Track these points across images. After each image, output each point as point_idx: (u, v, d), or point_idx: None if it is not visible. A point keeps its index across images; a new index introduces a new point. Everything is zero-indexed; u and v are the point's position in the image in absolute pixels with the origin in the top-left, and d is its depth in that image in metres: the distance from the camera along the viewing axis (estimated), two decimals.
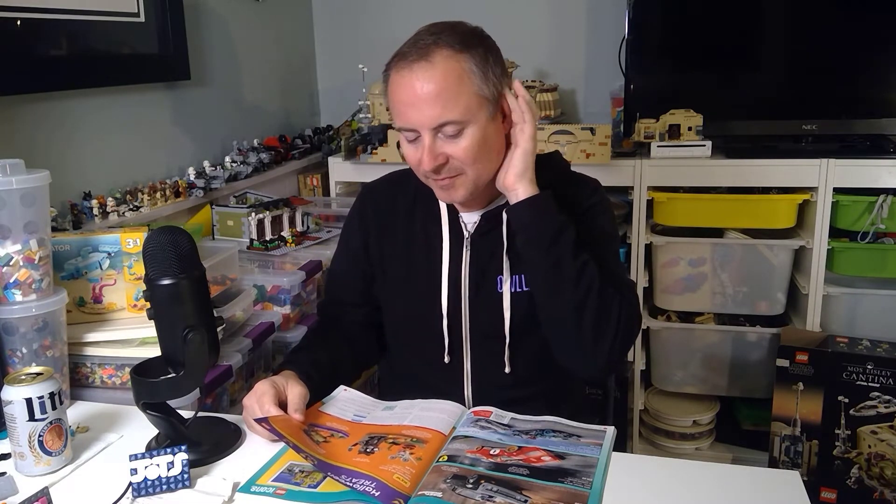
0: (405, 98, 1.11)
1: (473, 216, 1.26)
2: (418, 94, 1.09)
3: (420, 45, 1.11)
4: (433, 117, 1.10)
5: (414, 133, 1.13)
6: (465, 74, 1.10)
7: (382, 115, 2.35)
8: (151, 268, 1.03)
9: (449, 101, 1.09)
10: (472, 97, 1.11)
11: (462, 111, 1.10)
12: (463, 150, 1.12)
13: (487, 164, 1.17)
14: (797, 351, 2.08)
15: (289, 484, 0.99)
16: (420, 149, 1.13)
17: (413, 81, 1.10)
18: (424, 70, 1.09)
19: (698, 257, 2.27)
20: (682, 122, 2.18)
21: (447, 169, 1.14)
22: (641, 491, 0.97)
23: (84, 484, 1.03)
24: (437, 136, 1.12)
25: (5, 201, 1.12)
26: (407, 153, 1.18)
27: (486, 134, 1.14)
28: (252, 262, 1.82)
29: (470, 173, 1.15)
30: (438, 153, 1.13)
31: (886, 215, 2.07)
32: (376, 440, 1.06)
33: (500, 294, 1.23)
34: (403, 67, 1.11)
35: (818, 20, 2.21)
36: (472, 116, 1.12)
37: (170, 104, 2.04)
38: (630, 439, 2.43)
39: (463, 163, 1.14)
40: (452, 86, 1.09)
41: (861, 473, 2.06)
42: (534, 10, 2.64)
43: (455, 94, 1.10)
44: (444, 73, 1.09)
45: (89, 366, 1.30)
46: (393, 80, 1.13)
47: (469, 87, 1.11)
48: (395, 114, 1.15)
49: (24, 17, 1.53)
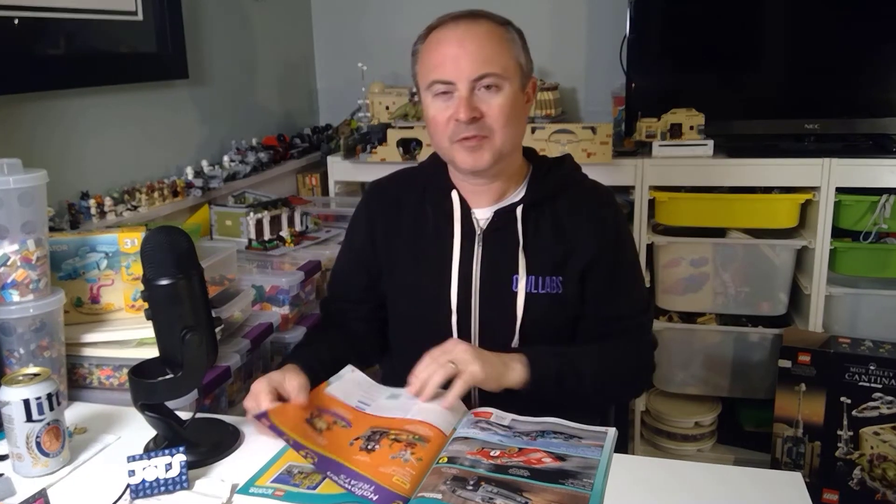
0: (449, 51, 1.16)
1: (486, 212, 1.27)
2: (463, 47, 1.15)
3: (463, 14, 1.18)
4: (474, 69, 1.14)
5: (448, 86, 1.16)
6: (507, 40, 1.19)
7: (382, 114, 2.34)
8: (149, 268, 1.03)
9: (492, 56, 1.15)
10: (512, 59, 1.18)
11: (503, 67, 1.16)
12: (498, 106, 1.16)
13: (512, 131, 1.20)
14: (799, 352, 2.08)
15: (287, 485, 0.98)
16: (451, 105, 1.17)
17: (458, 36, 1.16)
18: (469, 28, 1.16)
19: (700, 257, 2.26)
20: (683, 121, 2.17)
21: (478, 125, 1.17)
22: (643, 492, 0.97)
23: (82, 485, 1.02)
24: (473, 91, 1.16)
25: (2, 201, 1.11)
26: (434, 113, 1.20)
27: (516, 100, 1.19)
28: (250, 263, 1.81)
29: (497, 137, 1.18)
30: (474, 107, 1.16)
31: (889, 215, 2.06)
32: (378, 436, 1.04)
33: (515, 293, 1.23)
34: (448, 26, 1.18)
35: (820, 19, 2.20)
36: (510, 76, 1.17)
37: (168, 103, 2.03)
38: (631, 441, 2.43)
39: (495, 121, 1.17)
40: (496, 44, 1.17)
41: (863, 475, 2.06)
42: (535, 8, 2.63)
43: (497, 52, 1.16)
44: (488, 32, 1.17)
45: (87, 366, 1.30)
46: (434, 38, 1.19)
47: (510, 50, 1.18)
48: (429, 69, 1.19)
49: (21, 15, 1.52)
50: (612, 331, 1.26)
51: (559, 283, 1.23)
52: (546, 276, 1.23)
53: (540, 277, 1.23)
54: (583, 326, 1.29)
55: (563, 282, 1.24)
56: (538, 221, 1.25)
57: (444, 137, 1.20)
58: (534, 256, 1.23)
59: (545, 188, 1.27)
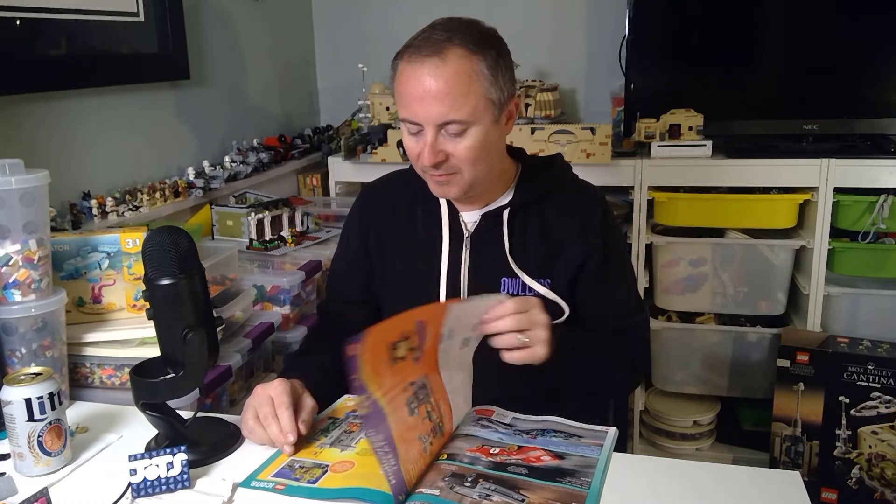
0: (413, 91, 1.11)
1: (474, 215, 1.27)
2: (427, 89, 1.10)
3: (434, 39, 1.11)
4: (439, 114, 1.11)
5: (417, 126, 1.14)
6: (475, 76, 1.11)
7: (382, 114, 2.35)
8: (151, 268, 1.03)
9: (457, 101, 1.10)
10: (480, 99, 1.12)
11: (468, 112, 1.11)
12: (464, 149, 1.13)
13: (485, 166, 1.18)
14: (798, 351, 2.08)
15: (288, 479, 0.99)
16: (421, 142, 1.14)
17: (423, 76, 1.10)
18: (436, 66, 1.09)
19: (699, 257, 2.27)
20: (682, 121, 2.18)
21: (445, 166, 1.15)
22: (642, 491, 0.97)
23: (83, 484, 1.03)
24: (440, 133, 1.13)
25: (4, 201, 1.12)
26: (408, 144, 1.18)
27: (488, 136, 1.15)
28: (251, 262, 1.81)
29: (467, 174, 1.16)
30: (439, 150, 1.13)
31: (887, 215, 2.07)
32: (423, 396, 1.01)
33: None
34: (415, 60, 1.11)
35: (819, 19, 2.21)
36: (478, 118, 1.12)
37: (169, 104, 2.04)
38: (630, 439, 2.43)
39: (462, 162, 1.14)
40: (462, 86, 1.10)
41: (862, 474, 2.06)
42: (534, 9, 2.63)
43: (464, 95, 1.10)
44: (455, 73, 1.09)
45: (88, 366, 1.30)
46: (403, 71, 1.13)
47: (478, 89, 1.11)
48: (400, 104, 1.16)
49: (23, 16, 1.52)
50: (608, 330, 1.27)
51: (547, 285, 1.23)
52: (534, 278, 1.23)
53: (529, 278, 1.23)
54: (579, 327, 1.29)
55: (552, 285, 1.24)
56: (525, 224, 1.25)
57: (416, 166, 1.20)
58: (521, 259, 1.23)
59: (533, 191, 1.26)
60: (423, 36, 1.13)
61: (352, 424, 1.12)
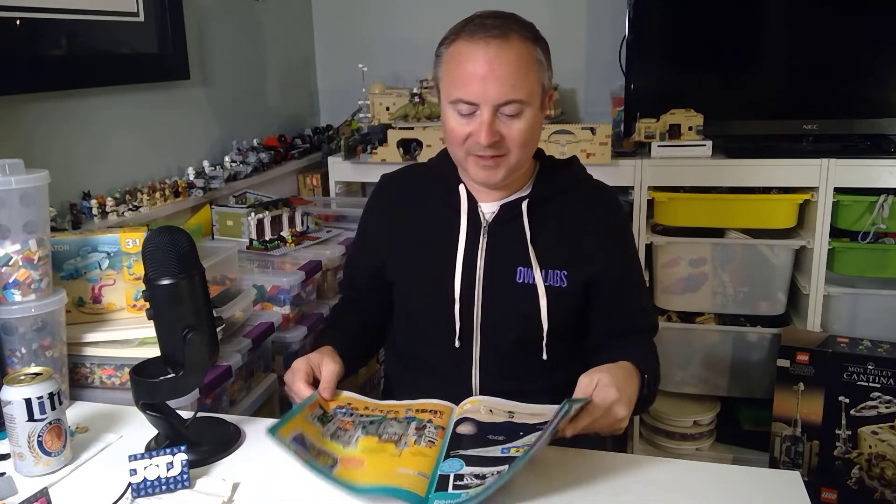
0: (476, 71, 1.14)
1: (492, 206, 1.29)
2: (492, 69, 1.13)
3: (491, 24, 1.15)
4: (499, 94, 1.14)
5: (471, 107, 1.16)
6: (534, 61, 1.17)
7: (382, 114, 2.35)
8: (151, 268, 1.03)
9: (518, 82, 1.14)
10: (536, 84, 1.18)
11: (527, 93, 1.16)
12: (518, 131, 1.17)
13: (529, 150, 1.22)
14: (798, 351, 2.08)
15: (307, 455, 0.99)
16: (473, 123, 1.17)
17: (489, 56, 1.13)
18: (500, 48, 1.13)
19: (699, 257, 2.27)
20: (682, 121, 2.18)
21: (496, 147, 1.17)
22: (642, 491, 0.97)
23: (83, 484, 1.03)
24: (496, 115, 1.15)
25: (4, 201, 1.12)
26: (452, 126, 1.20)
27: (536, 121, 1.20)
28: (251, 262, 1.81)
29: (513, 157, 1.19)
30: (495, 130, 1.16)
31: (887, 215, 2.07)
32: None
33: (518, 285, 1.25)
34: (479, 40, 1.14)
35: (819, 20, 2.20)
36: (532, 101, 1.17)
37: (169, 104, 2.03)
38: (630, 439, 2.43)
39: (513, 144, 1.18)
40: (524, 68, 1.15)
41: (862, 474, 2.06)
42: (534, 9, 2.59)
43: (525, 76, 1.15)
44: (517, 55, 1.14)
45: (88, 366, 1.30)
46: (461, 52, 1.16)
47: (536, 73, 1.17)
48: (453, 86, 1.17)
49: (23, 16, 1.52)
50: (628, 329, 1.30)
51: (563, 276, 1.25)
52: (550, 269, 1.25)
53: (544, 270, 1.25)
54: (599, 327, 1.32)
55: (568, 276, 1.25)
56: (543, 218, 1.27)
57: (459, 149, 1.21)
58: (538, 251, 1.25)
59: (552, 186, 1.29)
60: (476, 22, 1.17)
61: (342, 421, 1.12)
